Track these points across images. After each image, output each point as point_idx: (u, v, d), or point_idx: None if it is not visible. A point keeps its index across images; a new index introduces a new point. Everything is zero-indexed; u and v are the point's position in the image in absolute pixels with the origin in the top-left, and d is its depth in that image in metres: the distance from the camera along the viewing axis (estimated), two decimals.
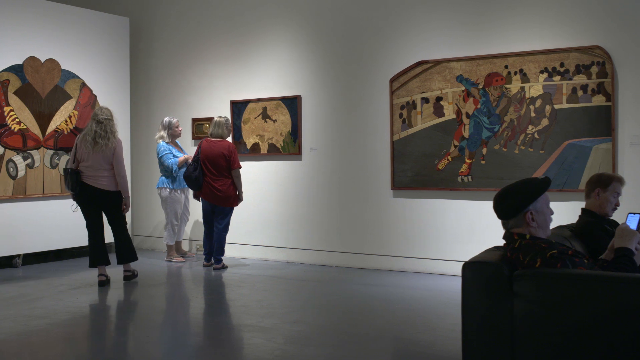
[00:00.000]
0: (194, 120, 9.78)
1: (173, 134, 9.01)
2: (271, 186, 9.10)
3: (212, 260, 8.51)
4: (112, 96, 9.63)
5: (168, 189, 8.95)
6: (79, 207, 7.44)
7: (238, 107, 9.35)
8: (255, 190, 9.13)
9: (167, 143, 8.92)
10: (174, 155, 8.86)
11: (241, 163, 8.68)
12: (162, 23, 10.23)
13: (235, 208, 8.51)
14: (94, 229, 7.40)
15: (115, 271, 7.85)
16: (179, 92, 10.03)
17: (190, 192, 9.01)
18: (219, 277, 7.91)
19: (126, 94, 9.94)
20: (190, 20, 9.90)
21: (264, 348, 5.05)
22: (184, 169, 8.81)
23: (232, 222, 8.78)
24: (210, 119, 9.58)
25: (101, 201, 7.35)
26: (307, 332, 5.48)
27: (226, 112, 9.45)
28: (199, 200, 8.67)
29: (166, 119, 9.03)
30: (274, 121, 9.04)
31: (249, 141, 9.25)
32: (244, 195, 8.56)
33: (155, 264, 8.93)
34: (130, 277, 7.65)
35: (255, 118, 9.20)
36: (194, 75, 9.86)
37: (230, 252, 9.25)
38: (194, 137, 9.77)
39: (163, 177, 8.99)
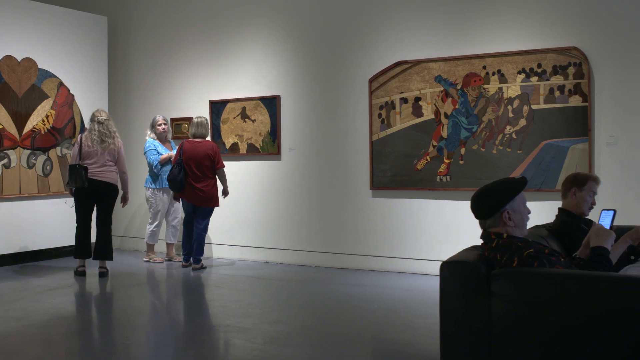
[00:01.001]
0: (173, 120, 9.74)
1: (156, 131, 8.89)
2: (250, 186, 9.08)
3: (191, 260, 8.43)
4: (90, 96, 9.57)
5: (151, 189, 8.89)
6: (74, 205, 7.96)
7: (217, 107, 9.33)
8: (234, 191, 9.10)
9: (153, 139, 8.87)
10: (158, 153, 8.77)
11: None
12: (140, 22, 10.18)
13: (225, 209, 8.50)
14: (85, 224, 7.89)
15: (89, 271, 7.80)
16: (157, 92, 9.98)
17: None
18: (197, 278, 7.89)
19: (104, 93, 9.87)
20: (169, 19, 9.86)
21: (243, 348, 5.04)
22: (168, 167, 8.70)
23: (211, 222, 8.75)
24: (189, 119, 9.55)
25: (100, 195, 7.82)
26: (287, 332, 5.48)
27: (205, 112, 9.42)
28: (178, 201, 8.64)
29: (154, 117, 9.04)
30: (253, 121, 9.03)
31: (228, 141, 9.23)
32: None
33: (135, 264, 8.89)
34: (104, 274, 7.92)
35: (234, 118, 9.18)
36: (173, 75, 9.82)
37: (209, 252, 9.24)
38: (173, 137, 9.72)
39: (148, 176, 8.96)
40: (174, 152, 8.78)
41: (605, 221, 4.20)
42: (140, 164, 9.83)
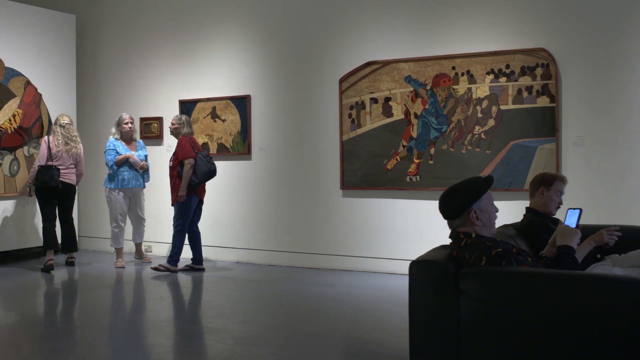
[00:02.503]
0: (142, 119, 9.67)
1: (122, 130, 8.61)
2: (220, 186, 9.04)
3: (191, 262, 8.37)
4: (57, 95, 9.47)
5: (107, 189, 8.61)
6: (28, 203, 8.59)
7: (187, 106, 9.28)
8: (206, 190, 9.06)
9: (117, 139, 8.57)
10: (117, 153, 8.48)
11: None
12: (109, 21, 10.08)
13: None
14: (51, 219, 8.41)
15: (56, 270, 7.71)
16: (126, 91, 9.90)
17: (140, 191, 8.76)
18: (167, 279, 7.83)
19: (72, 92, 9.77)
20: (139, 18, 9.79)
21: (213, 349, 5.03)
22: (125, 168, 8.48)
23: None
24: (158, 119, 9.50)
25: (62, 193, 8.38)
26: (257, 333, 5.47)
27: (175, 112, 9.37)
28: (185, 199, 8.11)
29: (120, 115, 8.74)
30: (223, 121, 9.00)
31: (198, 141, 9.18)
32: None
33: (103, 265, 8.80)
34: (72, 263, 8.60)
35: (204, 118, 9.14)
36: (142, 74, 9.75)
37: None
38: (142, 137, 9.65)
39: (107, 176, 8.67)
40: (135, 153, 8.58)
41: (572, 220, 4.25)
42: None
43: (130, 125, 8.70)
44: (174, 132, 8.27)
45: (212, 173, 8.10)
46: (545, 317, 3.16)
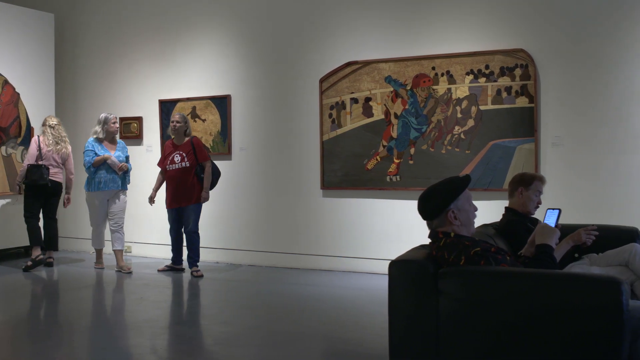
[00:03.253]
0: (122, 119, 9.61)
1: (109, 129, 8.32)
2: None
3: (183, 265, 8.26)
4: (36, 94, 9.39)
5: (86, 192, 8.37)
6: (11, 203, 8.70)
7: (167, 106, 9.24)
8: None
9: (97, 140, 8.26)
10: (95, 154, 8.16)
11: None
12: (89, 20, 10.01)
13: (166, 209, 8.26)
14: (37, 217, 8.51)
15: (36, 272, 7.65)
16: (106, 91, 9.84)
17: (119, 194, 8.41)
18: (147, 279, 7.79)
19: (51, 92, 9.69)
20: (118, 17, 9.73)
21: (193, 349, 5.01)
22: (103, 171, 8.17)
23: (162, 224, 8.70)
24: (138, 119, 9.45)
25: (49, 192, 8.46)
26: (237, 333, 5.45)
27: (155, 112, 9.33)
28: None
29: (103, 114, 8.38)
30: (204, 121, 8.97)
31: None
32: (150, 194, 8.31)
33: (83, 266, 8.75)
34: (51, 264, 8.57)
35: None
36: (122, 74, 9.69)
37: (159, 253, 9.14)
38: (121, 137, 9.59)
39: (86, 178, 8.41)
40: (115, 154, 8.27)
41: (551, 220, 4.28)
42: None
43: (117, 125, 8.54)
44: (178, 130, 8.01)
45: (219, 175, 8.23)
46: (524, 316, 3.18)
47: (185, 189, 7.94)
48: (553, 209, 4.37)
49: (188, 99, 9.07)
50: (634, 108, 6.80)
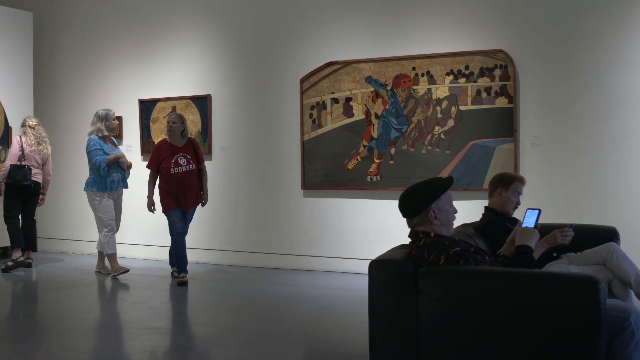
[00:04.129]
0: None
1: (110, 126, 7.94)
2: None
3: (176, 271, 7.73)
4: (14, 94, 9.30)
5: (94, 193, 7.86)
6: None
7: (147, 106, 9.20)
8: (139, 192, 8.98)
9: (99, 138, 7.86)
10: (104, 152, 7.80)
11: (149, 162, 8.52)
12: (67, 18, 9.94)
13: (146, 209, 8.11)
14: (17, 218, 8.47)
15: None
16: (85, 90, 9.77)
17: (121, 193, 8.16)
18: (127, 280, 7.75)
19: (29, 91, 9.61)
20: (98, 16, 9.67)
21: (173, 350, 4.99)
22: (115, 171, 7.85)
23: (144, 224, 8.66)
24: (118, 118, 9.37)
25: (30, 193, 8.42)
26: (217, 333, 5.44)
27: (134, 111, 9.28)
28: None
29: (102, 110, 8.00)
30: None
31: (158, 140, 9.09)
32: (148, 202, 7.69)
33: (62, 267, 8.68)
34: (29, 264, 8.48)
35: (164, 117, 9.05)
36: (102, 73, 9.63)
37: (139, 253, 9.11)
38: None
39: (89, 179, 7.90)
40: (119, 152, 8.03)
41: (530, 220, 4.30)
42: (73, 163, 9.66)
43: (116, 121, 8.19)
44: (175, 131, 7.56)
45: None
46: (503, 315, 3.21)
47: (191, 192, 7.58)
48: (533, 209, 4.40)
49: (168, 99, 9.03)
50: (611, 108, 6.86)
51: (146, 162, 8.74)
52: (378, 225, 7.80)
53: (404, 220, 3.73)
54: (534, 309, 3.15)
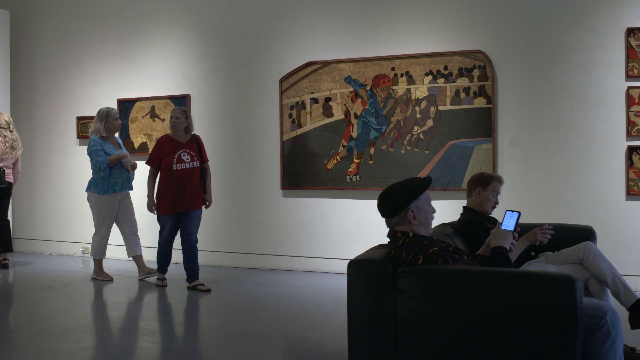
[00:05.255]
0: (79, 118, 9.48)
1: (110, 126, 7.57)
2: None
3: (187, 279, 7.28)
4: None
5: (95, 195, 7.56)
6: None
7: (125, 105, 9.15)
8: (143, 191, 8.93)
9: (101, 137, 7.53)
10: (105, 153, 7.47)
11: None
12: (45, 17, 9.86)
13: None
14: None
15: None
16: (63, 90, 9.70)
17: (128, 195, 7.84)
18: (104, 282, 7.70)
19: (6, 90, 9.52)
20: (76, 15, 9.60)
21: (151, 351, 4.97)
22: (118, 171, 7.54)
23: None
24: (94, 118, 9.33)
25: (2, 193, 8.34)
26: (196, 333, 5.42)
27: None
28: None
29: (104, 108, 7.67)
30: (163, 120, 8.90)
31: (137, 140, 9.07)
32: (148, 201, 7.19)
33: (38, 268, 8.61)
34: (6, 265, 8.43)
35: (143, 117, 9.02)
36: (80, 72, 9.56)
37: (117, 254, 9.05)
38: (78, 137, 9.47)
39: (91, 180, 7.61)
40: (123, 152, 7.71)
41: (510, 222, 4.32)
42: (50, 163, 9.58)
43: (119, 121, 7.84)
44: (179, 127, 7.18)
45: None
46: (481, 313, 3.23)
47: (193, 191, 7.11)
48: (512, 211, 4.42)
49: (147, 98, 8.99)
50: (587, 109, 6.93)
51: None
52: (357, 225, 7.81)
53: (383, 220, 3.74)
54: (511, 308, 3.18)
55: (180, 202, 7.06)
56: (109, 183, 7.54)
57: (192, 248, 7.22)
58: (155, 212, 7.19)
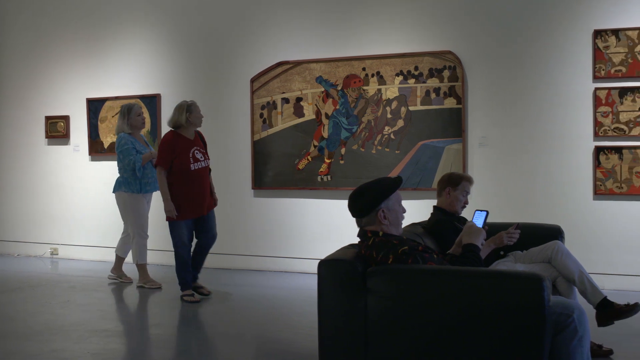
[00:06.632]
0: (48, 118, 9.37)
1: (133, 123, 7.24)
2: None
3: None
4: None
5: (128, 194, 7.24)
6: None
7: (95, 105, 9.06)
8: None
9: (129, 134, 7.22)
10: (137, 151, 7.17)
11: (99, 163, 8.38)
12: (14, 16, 9.73)
13: (93, 208, 7.77)
14: None
15: None
16: (32, 89, 9.58)
17: (152, 198, 7.52)
18: (74, 282, 7.63)
19: None
20: (45, 13, 9.49)
21: (120, 353, 4.93)
22: (150, 170, 7.20)
23: (90, 224, 8.50)
24: (65, 117, 9.25)
25: None
26: (166, 335, 5.40)
27: (82, 111, 9.13)
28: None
29: (126, 104, 7.39)
30: None
31: (107, 140, 8.99)
32: (168, 205, 6.54)
33: (5, 269, 8.50)
34: None
35: (112, 117, 8.94)
36: (48, 71, 9.45)
37: (88, 255, 8.97)
38: (47, 136, 9.37)
39: (120, 179, 7.29)
40: (152, 149, 7.39)
41: (478, 221, 4.36)
42: (18, 163, 9.47)
43: (143, 117, 7.44)
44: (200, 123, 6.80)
45: None
46: (450, 312, 3.25)
47: (208, 192, 6.74)
48: (481, 211, 4.47)
49: (117, 98, 8.91)
50: (555, 108, 7.01)
51: (96, 163, 8.70)
52: (328, 225, 7.82)
53: (354, 219, 3.75)
54: (480, 307, 3.20)
55: (201, 205, 6.63)
56: (141, 182, 7.23)
57: (212, 242, 6.85)
58: (175, 217, 6.52)
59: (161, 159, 6.49)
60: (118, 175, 7.33)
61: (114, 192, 7.37)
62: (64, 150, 9.30)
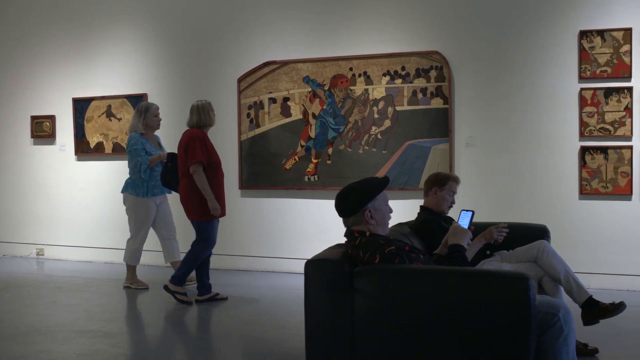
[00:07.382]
0: (33, 117, 9.33)
1: (149, 123, 7.10)
2: (116, 187, 8.80)
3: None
4: None
5: (134, 197, 7.13)
6: None
7: (81, 104, 9.02)
8: (99, 191, 8.85)
9: (141, 135, 7.09)
10: (146, 152, 7.03)
11: (85, 163, 8.32)
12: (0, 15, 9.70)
13: (79, 208, 7.85)
14: None
15: None
16: (17, 88, 9.53)
17: (170, 199, 7.49)
18: (60, 282, 7.60)
19: None
20: (31, 12, 9.44)
21: (107, 354, 4.91)
22: (159, 173, 7.01)
23: (75, 225, 8.43)
24: (51, 117, 9.21)
25: None
26: (153, 336, 5.38)
27: (68, 110, 9.09)
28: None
29: (143, 103, 7.22)
30: (119, 120, 8.80)
31: (93, 140, 8.95)
32: (212, 203, 6.39)
33: None
34: None
35: (99, 116, 8.91)
36: (34, 71, 9.40)
37: (74, 255, 8.93)
38: (33, 136, 9.32)
39: (128, 180, 7.20)
40: (163, 151, 7.24)
41: (464, 221, 4.38)
42: (1, 164, 9.45)
43: (160, 117, 7.29)
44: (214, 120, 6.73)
45: None
46: (437, 312, 3.26)
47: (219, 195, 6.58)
48: (467, 211, 4.49)
49: (103, 98, 8.88)
50: (541, 109, 7.05)
51: (82, 163, 8.66)
52: (315, 225, 7.82)
53: (341, 219, 3.75)
54: (466, 306, 3.21)
55: (224, 206, 6.63)
56: (148, 185, 7.10)
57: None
58: (218, 214, 6.48)
59: (198, 155, 6.29)
60: (127, 176, 7.27)
61: (122, 192, 7.29)
62: (50, 150, 9.26)
